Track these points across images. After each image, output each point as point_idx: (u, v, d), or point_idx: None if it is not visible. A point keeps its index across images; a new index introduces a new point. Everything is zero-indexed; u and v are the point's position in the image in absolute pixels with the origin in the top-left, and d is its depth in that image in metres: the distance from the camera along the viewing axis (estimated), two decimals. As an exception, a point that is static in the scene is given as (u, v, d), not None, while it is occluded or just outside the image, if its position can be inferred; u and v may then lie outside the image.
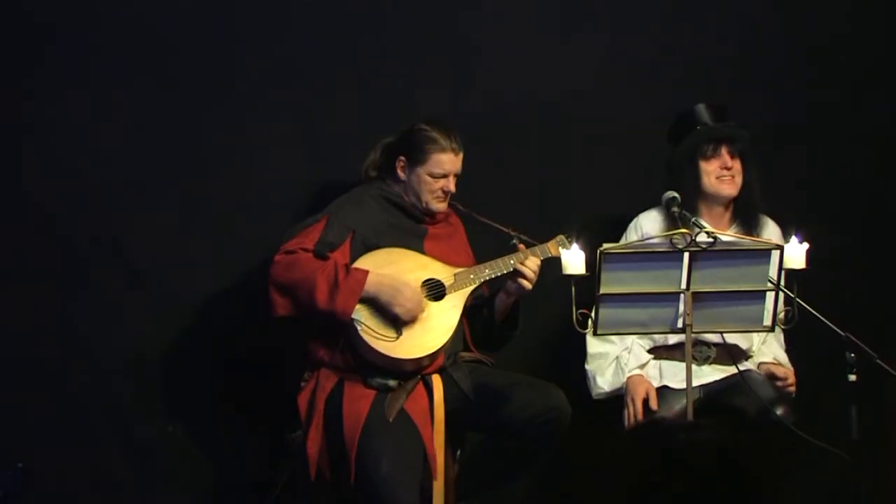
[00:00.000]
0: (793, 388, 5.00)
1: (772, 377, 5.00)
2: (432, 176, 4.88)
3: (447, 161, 4.88)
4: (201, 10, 5.22)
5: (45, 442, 5.13)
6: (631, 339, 5.01)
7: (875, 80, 5.70)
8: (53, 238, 5.14)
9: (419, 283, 4.84)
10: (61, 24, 5.12)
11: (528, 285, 4.83)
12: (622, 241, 5.05)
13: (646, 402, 4.94)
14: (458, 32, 5.43)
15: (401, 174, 4.92)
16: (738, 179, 5.05)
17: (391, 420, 4.71)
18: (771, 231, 5.12)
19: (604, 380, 5.03)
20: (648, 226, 5.09)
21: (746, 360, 5.05)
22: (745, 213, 5.07)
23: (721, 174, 5.03)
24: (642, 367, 5.02)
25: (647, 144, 5.26)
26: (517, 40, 5.45)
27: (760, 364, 5.06)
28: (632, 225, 5.15)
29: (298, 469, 4.82)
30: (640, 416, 4.91)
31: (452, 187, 4.90)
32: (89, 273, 5.17)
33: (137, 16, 5.16)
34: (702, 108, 5.08)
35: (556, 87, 5.47)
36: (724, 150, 5.04)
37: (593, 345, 5.05)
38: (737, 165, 5.05)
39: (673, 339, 4.98)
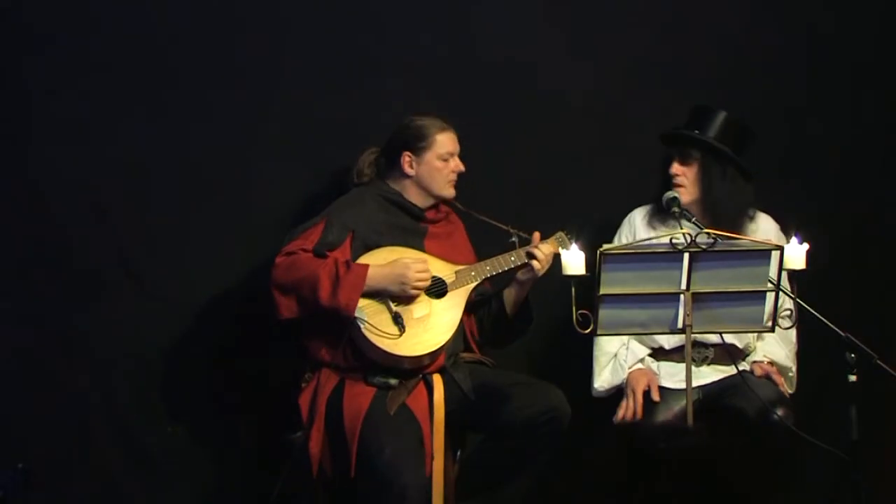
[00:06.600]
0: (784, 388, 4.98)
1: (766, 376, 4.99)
2: (442, 158, 4.91)
3: (450, 139, 4.94)
4: (202, 12, 5.22)
5: (45, 442, 5.13)
6: (627, 338, 5.02)
7: (876, 79, 5.70)
8: (54, 239, 5.15)
9: None
10: (62, 26, 5.12)
11: (538, 266, 4.85)
12: (616, 237, 5.10)
13: (647, 394, 4.93)
14: (459, 32, 5.43)
15: (409, 170, 4.93)
16: (693, 188, 5.00)
17: (392, 414, 4.71)
18: (764, 228, 5.08)
19: (601, 380, 5.03)
20: (638, 219, 5.12)
21: (744, 359, 5.04)
22: (714, 218, 4.94)
23: (675, 180, 5.01)
24: (641, 361, 5.01)
25: (648, 145, 5.25)
26: (517, 40, 5.45)
27: (753, 363, 5.04)
28: (625, 220, 5.17)
29: (300, 469, 4.82)
30: (639, 409, 4.89)
31: (462, 166, 4.94)
32: (90, 274, 5.17)
33: (139, 17, 5.16)
34: (693, 110, 5.06)
35: (556, 87, 5.47)
36: (675, 156, 5.03)
37: (598, 342, 5.04)
38: (690, 173, 5.01)
39: (669, 342, 4.98)
